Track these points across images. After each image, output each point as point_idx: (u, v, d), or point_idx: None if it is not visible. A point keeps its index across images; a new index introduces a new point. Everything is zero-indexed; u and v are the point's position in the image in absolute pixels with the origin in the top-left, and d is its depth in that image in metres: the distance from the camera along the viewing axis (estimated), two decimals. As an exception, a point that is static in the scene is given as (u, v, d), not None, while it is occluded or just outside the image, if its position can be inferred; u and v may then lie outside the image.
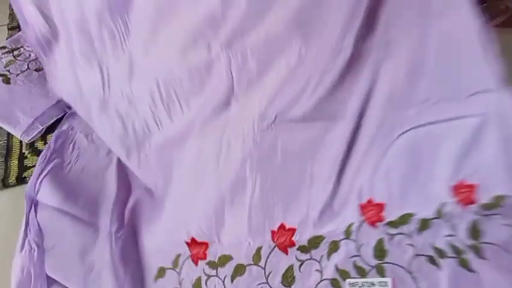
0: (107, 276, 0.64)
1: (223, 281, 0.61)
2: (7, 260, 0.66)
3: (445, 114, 0.59)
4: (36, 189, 0.73)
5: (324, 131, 0.63)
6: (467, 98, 0.58)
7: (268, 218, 0.63)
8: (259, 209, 0.63)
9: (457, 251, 0.54)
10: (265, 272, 0.60)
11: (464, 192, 0.57)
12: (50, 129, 0.86)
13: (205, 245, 0.65)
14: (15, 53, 0.98)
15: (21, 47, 1.00)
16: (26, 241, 0.67)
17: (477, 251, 0.53)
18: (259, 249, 0.62)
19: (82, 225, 0.69)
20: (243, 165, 0.65)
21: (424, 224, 0.57)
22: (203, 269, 0.63)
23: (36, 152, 0.83)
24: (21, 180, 0.79)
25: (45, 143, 0.84)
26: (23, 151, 0.84)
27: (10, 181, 0.79)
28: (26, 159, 0.83)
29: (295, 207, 0.63)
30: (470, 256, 0.53)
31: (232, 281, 0.61)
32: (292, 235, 0.62)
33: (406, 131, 0.60)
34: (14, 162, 0.82)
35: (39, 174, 0.75)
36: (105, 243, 0.67)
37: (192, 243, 0.65)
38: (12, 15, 1.13)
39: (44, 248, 0.66)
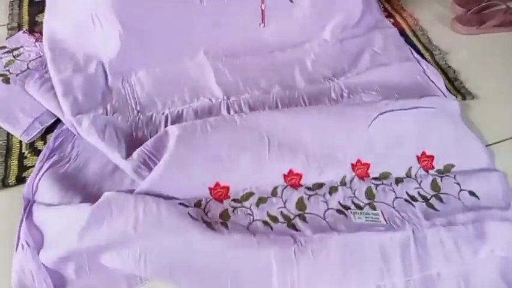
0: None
1: (250, 208, 0.74)
2: (7, 260, 0.67)
3: (407, 105, 0.84)
4: (34, 189, 0.74)
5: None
6: (419, 98, 0.89)
7: (280, 165, 0.77)
8: (274, 160, 0.77)
9: (424, 198, 0.78)
10: (282, 200, 0.75)
11: (425, 161, 0.83)
12: (50, 129, 0.87)
13: (227, 188, 0.75)
14: (15, 53, 0.98)
15: (21, 47, 1.00)
16: (21, 240, 0.67)
17: (438, 198, 0.78)
18: (275, 187, 0.76)
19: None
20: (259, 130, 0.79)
21: (398, 181, 0.80)
22: (229, 204, 0.74)
23: (36, 152, 0.83)
24: (20, 180, 0.79)
25: (45, 143, 0.84)
26: (23, 151, 0.84)
27: (10, 181, 0.79)
28: (26, 159, 0.83)
29: (300, 159, 0.77)
30: (433, 201, 0.77)
31: (257, 206, 0.74)
32: (300, 179, 0.77)
33: (382, 113, 0.81)
34: (14, 162, 0.82)
35: (37, 174, 0.76)
36: None
37: (216, 187, 0.75)
38: (12, 15, 1.13)
39: (43, 244, 0.67)
